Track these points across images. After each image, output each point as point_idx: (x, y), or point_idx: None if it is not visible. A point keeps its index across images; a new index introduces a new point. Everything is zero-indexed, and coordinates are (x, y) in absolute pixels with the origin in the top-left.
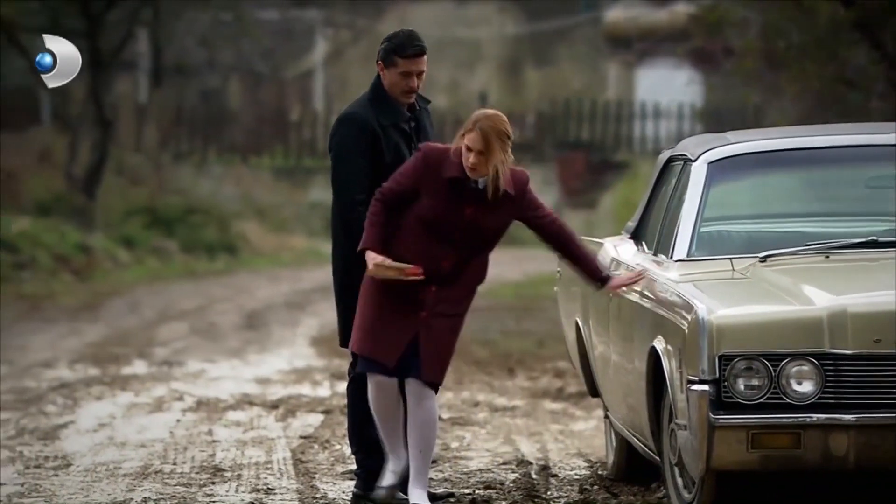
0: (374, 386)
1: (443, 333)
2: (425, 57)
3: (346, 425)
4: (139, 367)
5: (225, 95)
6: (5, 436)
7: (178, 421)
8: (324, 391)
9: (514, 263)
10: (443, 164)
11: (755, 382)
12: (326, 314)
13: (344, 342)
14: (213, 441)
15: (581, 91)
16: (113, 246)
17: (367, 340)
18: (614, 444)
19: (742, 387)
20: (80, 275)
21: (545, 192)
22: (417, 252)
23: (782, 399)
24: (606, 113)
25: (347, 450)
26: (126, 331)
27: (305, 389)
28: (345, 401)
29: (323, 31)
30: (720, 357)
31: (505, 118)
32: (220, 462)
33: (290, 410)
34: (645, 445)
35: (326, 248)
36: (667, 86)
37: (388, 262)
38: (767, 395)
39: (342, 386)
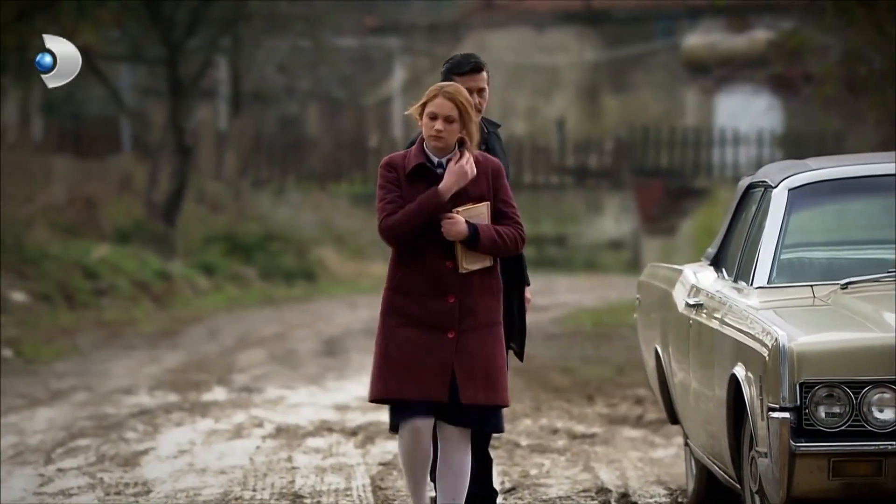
0: (411, 434)
1: (480, 347)
2: (484, 74)
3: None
4: (219, 393)
5: (304, 122)
6: (86, 462)
7: (258, 447)
8: None
9: (593, 290)
10: (405, 160)
11: (836, 410)
12: None
13: None
14: (293, 468)
15: (659, 117)
16: (192, 273)
17: (399, 382)
18: (694, 471)
19: (823, 414)
20: (159, 301)
21: (623, 219)
22: (419, 264)
23: (863, 426)
24: (685, 139)
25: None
26: (205, 357)
27: (384, 416)
28: None
29: (401, 58)
30: (801, 384)
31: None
32: (300, 489)
33: (369, 437)
34: (725, 473)
35: None
36: (746, 112)
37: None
38: (849, 423)
39: None
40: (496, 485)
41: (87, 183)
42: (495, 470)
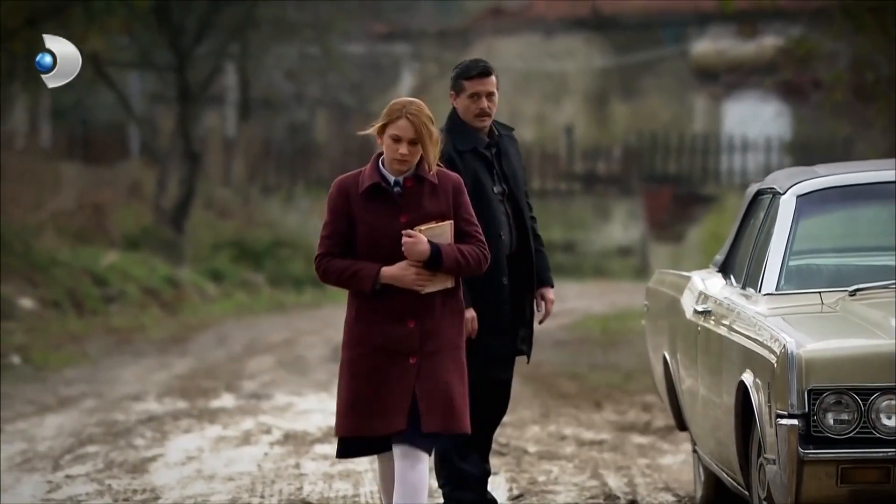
0: (385, 465)
1: (442, 372)
2: (493, 78)
3: (433, 458)
4: (227, 400)
5: (312, 129)
6: (94, 469)
7: (266, 454)
8: None
9: (602, 297)
10: (357, 181)
11: (845, 417)
12: None
13: None
14: (301, 474)
15: (668, 124)
16: (201, 279)
17: (362, 417)
18: (702, 478)
19: (831, 421)
20: (168, 308)
21: (631, 226)
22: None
23: (872, 433)
24: (693, 146)
25: (434, 483)
26: (214, 364)
27: None
28: None
29: (410, 64)
30: (809, 391)
31: (423, 103)
32: (308, 495)
33: None
34: (733, 479)
35: None
36: (754, 118)
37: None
38: (857, 430)
39: None
40: (504, 491)
41: (95, 189)
42: (503, 477)
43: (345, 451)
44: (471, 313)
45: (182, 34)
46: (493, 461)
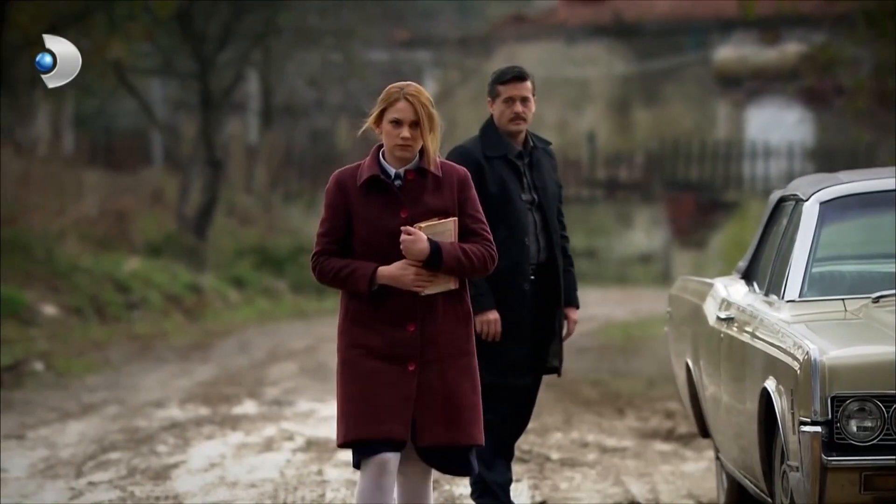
0: (377, 469)
1: (443, 381)
2: (528, 84)
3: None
4: (249, 406)
5: (334, 136)
6: (117, 476)
7: (289, 461)
8: None
9: (624, 303)
10: (356, 174)
11: (868, 424)
12: None
13: None
14: (324, 481)
15: (690, 130)
16: (223, 286)
17: (361, 422)
18: (725, 485)
19: (854, 428)
20: (190, 315)
21: (654, 233)
22: (376, 290)
23: (895, 440)
24: (716, 152)
25: (457, 490)
26: (236, 371)
27: None
28: None
29: (432, 71)
30: (833, 398)
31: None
32: (331, 502)
33: None
34: (756, 487)
35: None
36: (777, 125)
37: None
38: (880, 437)
39: None
40: (527, 498)
41: (118, 196)
42: (525, 484)
43: (360, 460)
44: (494, 315)
45: (204, 41)
46: (516, 468)
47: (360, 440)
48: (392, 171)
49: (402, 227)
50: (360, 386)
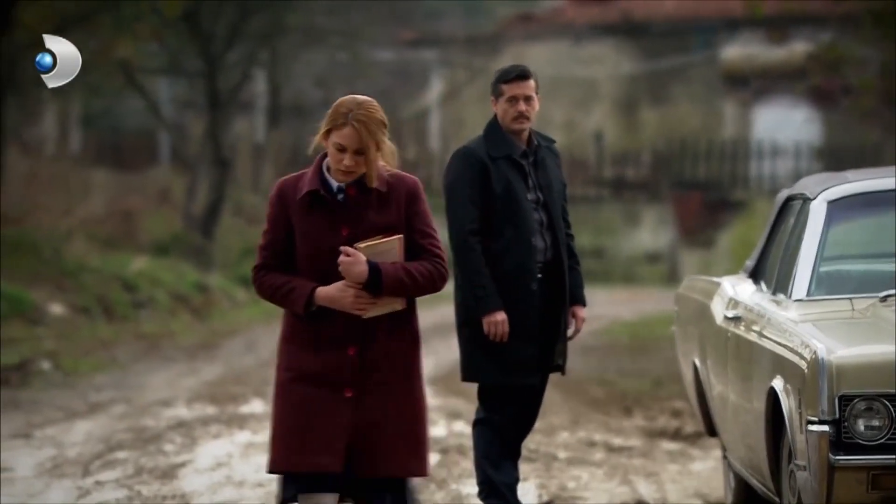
0: None
1: (384, 409)
2: (531, 82)
3: (462, 465)
4: (256, 405)
5: None
6: (124, 475)
7: None
8: (440, 430)
9: (631, 303)
10: (297, 185)
11: (875, 423)
12: (442, 353)
13: (465, 377)
14: None
15: (697, 130)
16: (230, 285)
17: (291, 451)
18: (732, 484)
19: (862, 427)
20: (197, 314)
21: (661, 232)
22: (318, 310)
23: None
24: (723, 152)
25: (464, 489)
26: (243, 370)
27: None
28: (462, 441)
29: (439, 70)
30: (840, 397)
31: (376, 103)
32: None
33: None
34: (764, 486)
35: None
36: (784, 124)
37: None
38: (888, 436)
39: (459, 425)
40: (534, 497)
41: (125, 196)
42: (533, 483)
43: (291, 494)
44: (501, 315)
45: (212, 41)
46: (523, 467)
47: (288, 472)
48: (335, 184)
49: (341, 248)
50: (291, 412)
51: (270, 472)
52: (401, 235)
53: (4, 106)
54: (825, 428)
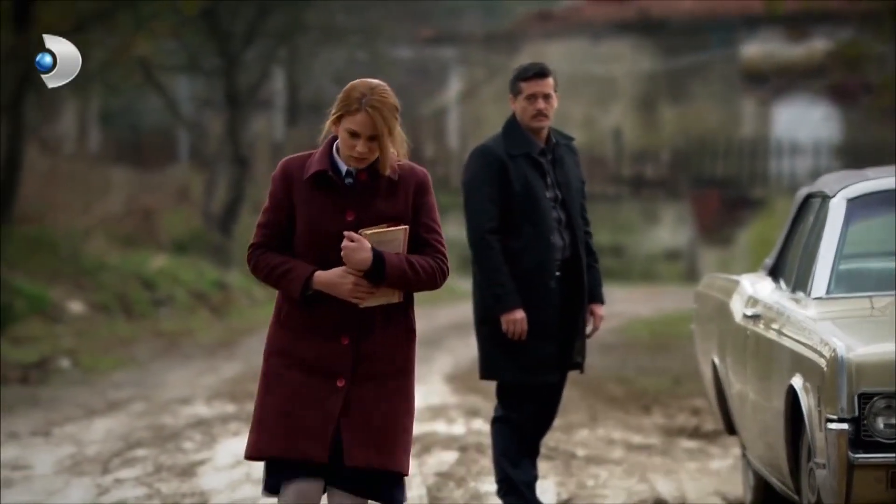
0: (294, 496)
1: (376, 401)
2: (550, 80)
3: (481, 463)
4: None
5: None
6: (143, 472)
7: None
8: (459, 428)
9: (650, 301)
10: (304, 164)
11: (894, 421)
12: (461, 351)
13: (484, 374)
14: None
15: (716, 128)
16: (249, 283)
17: (277, 437)
18: (752, 482)
19: (881, 425)
20: (216, 312)
21: (679, 230)
22: (311, 295)
23: None
24: (742, 150)
25: (482, 487)
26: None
27: (440, 426)
28: (480, 439)
29: (457, 68)
30: (859, 395)
31: (389, 87)
32: None
33: (425, 447)
34: (783, 484)
35: (460, 284)
36: (804, 122)
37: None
38: None
39: (477, 423)
40: (552, 495)
41: (144, 194)
42: (551, 481)
43: (275, 484)
44: (520, 314)
45: (230, 39)
46: (542, 465)
47: (272, 457)
48: (344, 167)
49: (346, 232)
50: (280, 398)
51: (251, 457)
52: (406, 226)
53: (24, 104)
54: (844, 426)
